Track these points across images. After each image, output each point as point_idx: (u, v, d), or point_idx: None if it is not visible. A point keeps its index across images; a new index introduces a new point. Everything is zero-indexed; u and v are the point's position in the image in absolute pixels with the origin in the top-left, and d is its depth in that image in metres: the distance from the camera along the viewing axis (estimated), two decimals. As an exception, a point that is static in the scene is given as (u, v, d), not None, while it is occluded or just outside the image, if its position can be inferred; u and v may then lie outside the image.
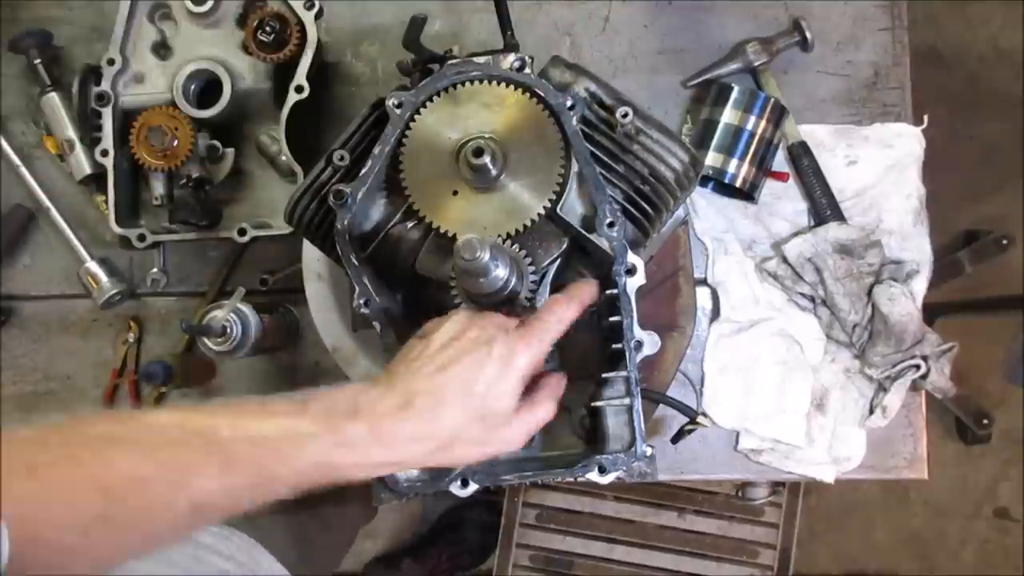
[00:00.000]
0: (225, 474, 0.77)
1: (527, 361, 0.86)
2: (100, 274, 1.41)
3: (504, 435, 0.87)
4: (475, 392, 0.84)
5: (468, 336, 0.86)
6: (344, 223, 0.96)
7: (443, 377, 0.83)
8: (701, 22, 1.40)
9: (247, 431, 0.78)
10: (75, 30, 1.47)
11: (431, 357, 0.85)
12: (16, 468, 0.70)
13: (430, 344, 0.86)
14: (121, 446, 0.75)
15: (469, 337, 0.86)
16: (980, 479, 2.46)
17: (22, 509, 0.69)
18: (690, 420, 1.10)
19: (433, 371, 0.84)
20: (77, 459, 0.73)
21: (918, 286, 1.32)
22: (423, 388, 0.83)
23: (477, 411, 0.84)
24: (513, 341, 0.86)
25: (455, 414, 0.83)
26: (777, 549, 1.90)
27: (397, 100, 0.96)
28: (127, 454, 0.75)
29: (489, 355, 0.84)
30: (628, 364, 0.96)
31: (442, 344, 0.86)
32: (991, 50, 2.48)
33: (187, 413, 0.80)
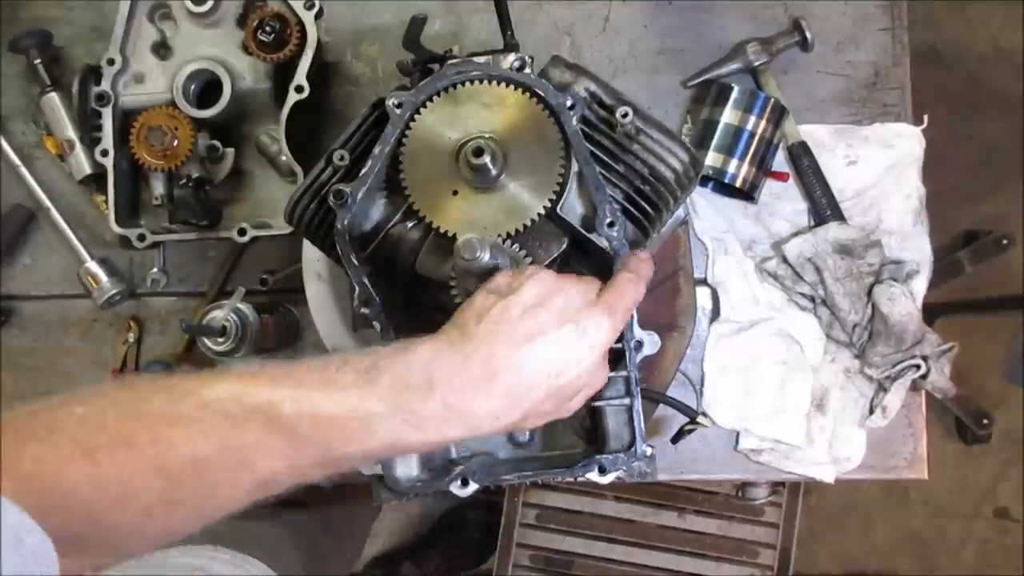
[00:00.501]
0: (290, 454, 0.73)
1: (610, 336, 0.82)
2: (100, 274, 1.41)
3: (571, 405, 0.84)
4: (560, 371, 0.78)
5: (555, 304, 0.79)
6: (344, 223, 0.96)
7: (530, 351, 0.77)
8: (701, 22, 1.40)
9: (311, 407, 0.72)
10: (75, 30, 1.47)
11: (513, 323, 0.77)
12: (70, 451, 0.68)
13: (510, 306, 0.78)
14: (179, 426, 0.71)
15: (556, 306, 0.79)
16: (980, 479, 2.46)
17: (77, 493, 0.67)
18: (690, 420, 1.10)
19: (519, 341, 0.77)
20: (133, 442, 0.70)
21: (918, 286, 1.32)
22: (508, 362, 0.76)
23: (557, 390, 0.79)
24: (600, 314, 0.80)
25: (536, 393, 0.78)
26: (777, 549, 1.91)
27: (397, 100, 0.96)
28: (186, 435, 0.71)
29: (579, 334, 0.79)
30: (628, 364, 0.96)
31: (524, 309, 0.78)
32: (991, 50, 2.48)
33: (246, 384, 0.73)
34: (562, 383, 0.79)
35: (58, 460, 0.67)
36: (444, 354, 0.76)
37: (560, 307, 0.79)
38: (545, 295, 0.80)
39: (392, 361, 0.76)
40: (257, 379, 0.74)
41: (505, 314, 0.78)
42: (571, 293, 0.81)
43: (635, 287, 0.87)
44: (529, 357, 0.77)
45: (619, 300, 0.84)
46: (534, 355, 0.77)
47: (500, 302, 0.79)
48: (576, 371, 0.79)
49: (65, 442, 0.68)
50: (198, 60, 1.31)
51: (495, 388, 0.76)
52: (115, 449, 0.69)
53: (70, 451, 0.68)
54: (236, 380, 0.74)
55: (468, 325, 0.78)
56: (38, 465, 0.66)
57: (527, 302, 0.79)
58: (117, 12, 1.31)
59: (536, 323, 0.78)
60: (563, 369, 0.79)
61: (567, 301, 0.80)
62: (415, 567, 2.25)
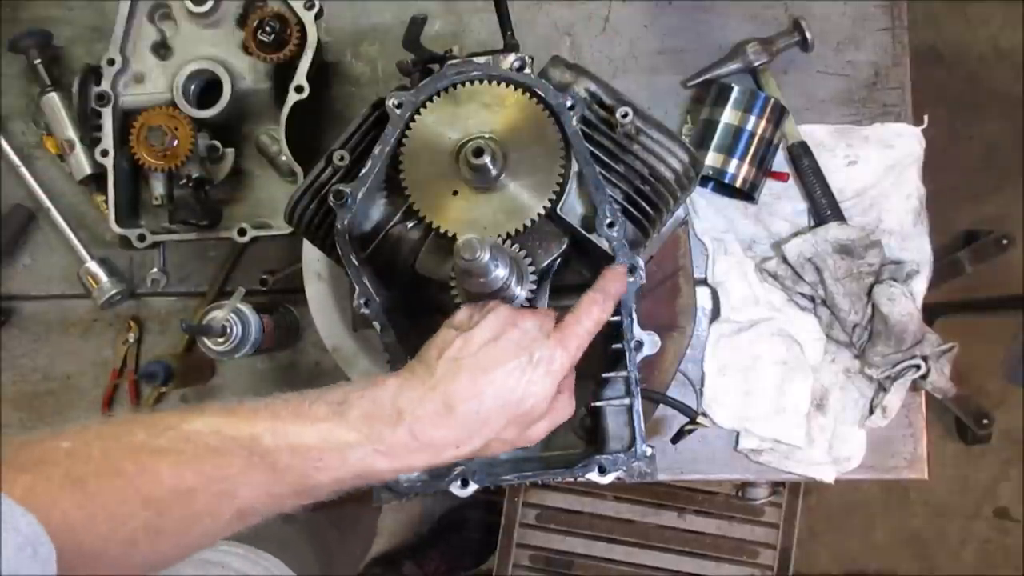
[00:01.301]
0: (269, 484, 0.77)
1: (565, 366, 0.87)
2: (100, 274, 1.41)
3: (532, 433, 0.88)
4: (516, 399, 0.83)
5: (509, 337, 0.85)
6: (344, 223, 0.95)
7: (486, 381, 0.83)
8: (701, 22, 1.40)
9: (288, 439, 0.77)
10: (75, 30, 1.47)
11: (473, 356, 0.83)
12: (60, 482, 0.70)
13: (470, 340, 0.84)
14: (163, 457, 0.74)
15: (511, 338, 0.85)
16: (980, 479, 2.46)
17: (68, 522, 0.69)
18: (690, 420, 1.10)
19: (476, 373, 0.83)
20: (120, 472, 0.73)
21: (918, 286, 1.32)
22: (466, 393, 0.82)
23: (515, 417, 0.84)
24: (553, 346, 0.86)
25: (496, 421, 0.83)
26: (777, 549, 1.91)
27: (397, 100, 0.96)
28: (171, 466, 0.74)
29: (531, 361, 0.84)
30: (628, 364, 0.96)
31: (483, 342, 0.84)
32: (991, 50, 2.48)
33: (224, 418, 0.78)
34: (520, 411, 0.84)
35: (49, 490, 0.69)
36: (409, 387, 0.82)
37: (515, 339, 0.85)
38: (501, 329, 0.85)
39: (362, 395, 0.81)
40: (235, 414, 0.79)
41: (464, 348, 0.84)
42: (527, 326, 0.86)
43: (598, 310, 0.90)
44: (487, 388, 0.82)
45: (573, 330, 0.88)
46: (491, 386, 0.83)
47: (460, 337, 0.85)
48: (532, 400, 0.84)
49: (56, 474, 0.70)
50: (198, 60, 1.31)
51: (455, 419, 0.81)
52: (103, 478, 0.72)
53: (61, 482, 0.70)
54: (215, 415, 0.78)
55: (431, 360, 0.84)
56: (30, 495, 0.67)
57: (485, 337, 0.85)
58: (117, 12, 1.31)
59: (492, 356, 0.83)
60: (519, 398, 0.84)
61: (522, 334, 0.85)
62: (415, 567, 2.25)
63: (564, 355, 0.86)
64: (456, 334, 0.86)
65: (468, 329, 0.86)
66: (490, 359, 0.83)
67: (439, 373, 0.83)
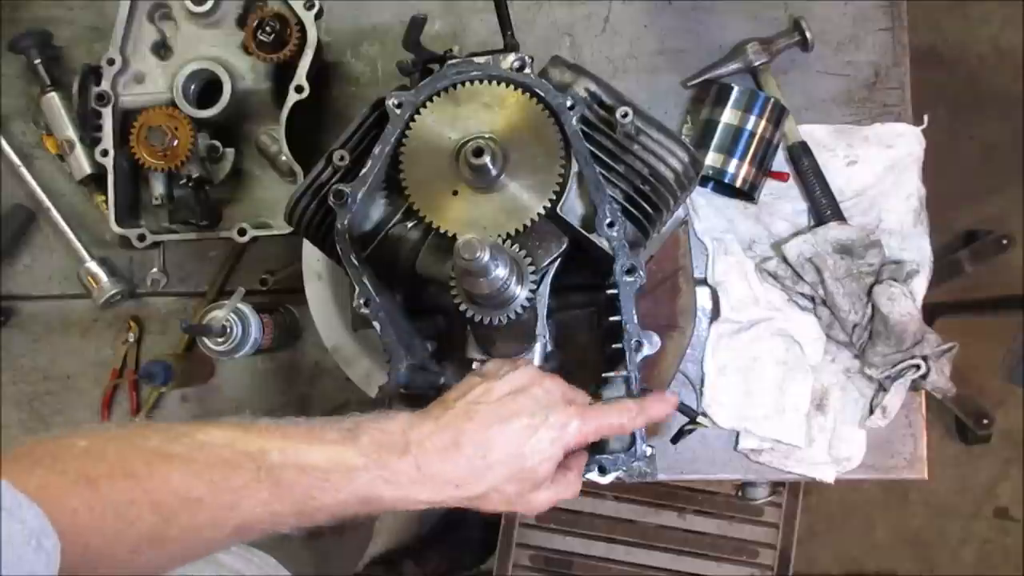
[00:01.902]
0: (273, 500, 0.77)
1: (577, 439, 0.87)
2: (100, 274, 1.41)
3: (533, 499, 0.88)
4: (523, 454, 0.84)
5: (532, 393, 0.86)
6: (344, 223, 0.96)
7: (498, 430, 0.83)
8: (701, 22, 1.40)
9: (296, 458, 0.78)
10: (75, 30, 1.47)
11: (490, 404, 0.85)
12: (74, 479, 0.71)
13: (492, 390, 0.86)
14: (175, 463, 0.75)
15: (533, 395, 0.86)
16: (980, 479, 2.46)
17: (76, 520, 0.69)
18: (690, 420, 1.10)
19: (490, 420, 0.84)
20: (133, 475, 0.74)
21: (918, 286, 1.32)
22: (476, 436, 0.83)
23: (518, 472, 0.84)
24: (572, 415, 0.86)
25: (499, 471, 0.83)
26: (777, 549, 1.90)
27: (397, 100, 0.96)
28: (181, 473, 0.75)
29: (546, 421, 0.85)
30: (628, 364, 0.96)
31: (503, 394, 0.85)
32: (991, 50, 2.48)
33: (237, 432, 0.80)
34: (524, 467, 0.84)
35: (62, 486, 0.70)
36: (421, 422, 0.84)
37: (536, 397, 0.86)
38: (525, 384, 0.87)
39: (373, 424, 0.83)
40: (248, 429, 0.80)
41: (485, 395, 0.85)
42: (552, 389, 0.87)
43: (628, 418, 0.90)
44: (497, 436, 0.83)
45: (598, 414, 0.89)
46: (502, 435, 0.83)
47: (484, 383, 0.87)
48: (538, 458, 0.85)
49: (70, 471, 0.71)
50: (198, 60, 1.31)
51: (461, 457, 0.82)
52: (115, 479, 0.73)
53: (74, 479, 0.71)
54: (228, 428, 0.80)
55: (449, 401, 0.86)
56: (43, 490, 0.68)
57: (507, 388, 0.86)
58: (117, 12, 1.31)
59: (510, 407, 0.85)
60: (525, 453, 0.84)
61: (544, 394, 0.87)
62: (415, 567, 2.25)
63: (580, 426, 0.86)
64: (480, 381, 0.87)
65: (493, 379, 0.87)
66: (507, 410, 0.84)
67: (454, 412, 0.84)
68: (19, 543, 0.64)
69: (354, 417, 0.84)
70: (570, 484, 0.90)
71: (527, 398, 0.85)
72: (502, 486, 0.84)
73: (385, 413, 0.85)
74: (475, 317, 0.91)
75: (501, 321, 0.90)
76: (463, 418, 0.83)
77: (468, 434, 0.83)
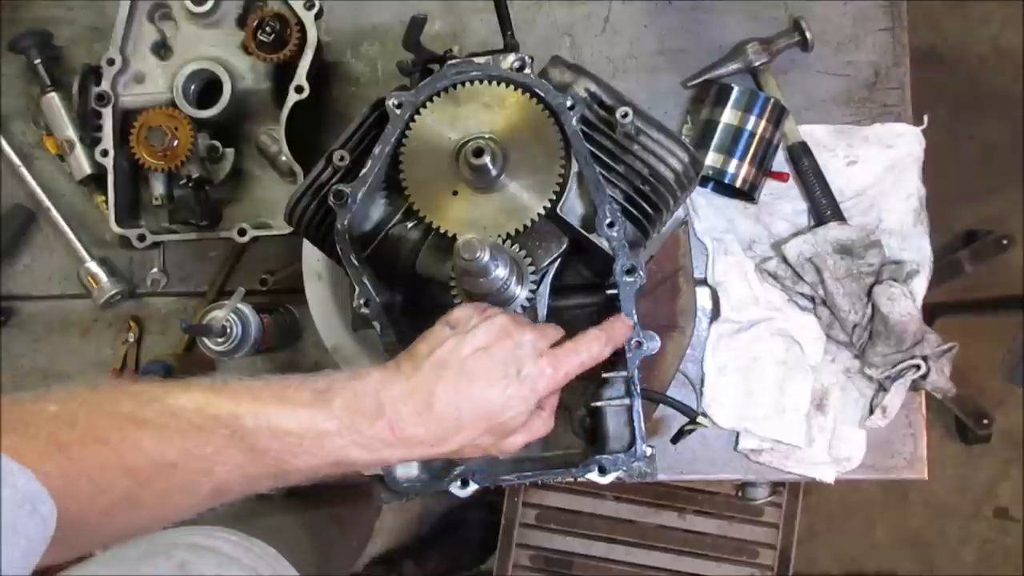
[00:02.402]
0: (248, 464, 0.78)
1: (549, 387, 0.87)
2: (100, 274, 1.41)
3: (506, 444, 0.89)
4: (495, 411, 0.84)
5: (502, 348, 0.85)
6: (344, 223, 0.96)
7: (469, 389, 0.83)
8: (701, 22, 1.40)
9: (269, 422, 0.78)
10: (75, 30, 1.47)
11: (461, 360, 0.84)
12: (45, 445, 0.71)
13: (462, 343, 0.85)
14: (147, 429, 0.75)
15: (503, 350, 0.85)
16: (980, 479, 2.46)
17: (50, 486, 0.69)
18: (690, 420, 1.10)
19: (460, 378, 0.83)
20: (105, 440, 0.73)
21: (918, 286, 1.32)
22: (447, 396, 0.83)
23: (491, 427, 0.85)
24: (543, 365, 0.86)
25: (472, 428, 0.84)
26: (777, 549, 1.90)
27: (397, 100, 0.96)
28: (153, 439, 0.75)
29: (517, 375, 0.85)
30: (628, 364, 0.96)
31: (474, 348, 0.85)
32: (991, 50, 2.48)
33: (209, 395, 0.79)
34: (497, 423, 0.85)
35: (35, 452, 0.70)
36: (393, 382, 0.83)
37: (507, 352, 0.85)
38: (496, 338, 0.86)
39: (345, 385, 0.82)
40: (219, 392, 0.80)
41: (455, 352, 0.84)
42: (522, 340, 0.86)
43: (598, 346, 0.91)
44: (467, 395, 0.83)
45: (569, 356, 0.89)
46: (473, 394, 0.83)
47: (454, 339, 0.85)
48: (511, 413, 0.85)
49: (41, 436, 0.71)
50: (198, 60, 1.31)
51: (433, 419, 0.82)
52: (87, 445, 0.73)
53: (45, 445, 0.71)
54: (199, 391, 0.80)
55: (420, 356, 0.85)
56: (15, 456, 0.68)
57: (478, 343, 0.85)
58: (117, 12, 1.31)
59: (481, 365, 0.84)
60: (498, 410, 0.84)
61: (515, 347, 0.86)
62: (415, 567, 2.25)
63: (552, 377, 0.87)
64: (450, 333, 0.86)
65: (464, 332, 0.86)
66: (478, 367, 0.84)
67: (424, 371, 0.83)
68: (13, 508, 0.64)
69: (327, 375, 0.83)
70: (543, 423, 0.91)
71: (498, 354, 0.85)
72: (475, 440, 0.85)
73: (356, 371, 0.84)
74: (475, 317, 0.90)
75: (501, 321, 0.90)
76: (434, 378, 0.83)
77: (440, 395, 0.82)
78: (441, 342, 0.85)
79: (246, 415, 0.78)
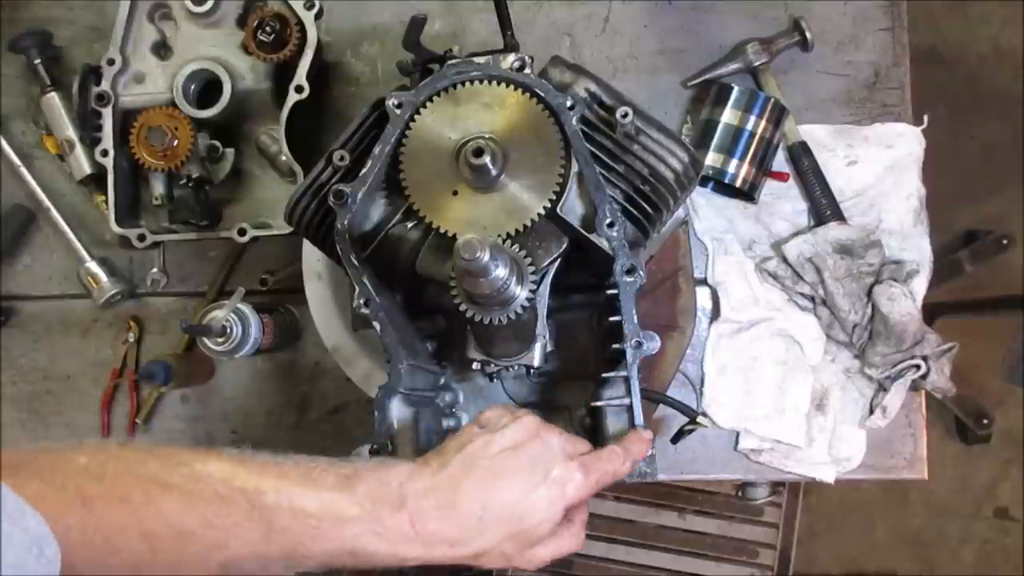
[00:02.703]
0: (262, 542, 0.76)
1: (579, 494, 0.84)
2: (100, 274, 1.41)
3: (532, 555, 0.85)
4: (520, 514, 0.82)
5: (531, 448, 0.84)
6: (344, 223, 0.96)
7: (495, 488, 0.81)
8: (701, 22, 1.40)
9: (291, 501, 0.77)
10: (75, 30, 1.47)
11: (489, 460, 0.82)
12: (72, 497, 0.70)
13: (491, 444, 0.83)
14: (172, 494, 0.74)
15: (532, 450, 0.83)
16: (980, 479, 2.46)
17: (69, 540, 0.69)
18: (690, 420, 1.10)
19: (487, 476, 0.81)
20: (128, 500, 0.73)
21: (918, 286, 1.32)
22: (472, 493, 0.80)
23: (516, 532, 0.82)
24: (574, 468, 0.84)
25: (496, 530, 0.81)
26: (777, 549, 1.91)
27: (397, 100, 0.96)
28: (176, 504, 0.74)
29: (545, 479, 0.82)
30: (628, 364, 0.96)
31: (502, 447, 0.83)
32: (991, 50, 2.48)
33: (236, 466, 0.78)
34: (521, 527, 0.82)
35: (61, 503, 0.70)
36: (418, 476, 0.81)
37: (535, 453, 0.84)
38: (525, 439, 0.84)
39: (371, 473, 0.81)
40: (246, 464, 0.79)
41: (484, 450, 0.83)
42: (550, 442, 0.85)
43: (619, 462, 0.89)
44: (493, 495, 0.81)
45: (597, 463, 0.87)
46: (498, 492, 0.81)
47: (483, 437, 0.84)
48: (538, 517, 0.82)
49: (70, 487, 0.71)
50: (198, 60, 1.31)
51: (456, 516, 0.80)
52: (111, 502, 0.72)
53: (73, 497, 0.70)
54: (227, 461, 0.78)
55: (447, 453, 0.83)
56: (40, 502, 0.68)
57: (506, 443, 0.84)
58: (117, 12, 1.31)
59: (508, 464, 0.82)
60: (524, 512, 0.82)
61: (544, 448, 0.84)
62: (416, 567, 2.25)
63: (582, 483, 0.84)
64: (479, 432, 0.85)
65: (493, 431, 0.85)
66: (505, 466, 0.82)
67: (451, 467, 0.82)
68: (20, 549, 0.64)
69: (354, 462, 0.82)
70: (573, 536, 0.88)
71: (527, 454, 0.83)
72: (499, 545, 0.82)
73: (384, 461, 0.84)
74: (475, 317, 0.91)
75: (501, 321, 0.90)
76: (461, 474, 0.81)
77: (465, 492, 0.80)
78: (470, 440, 0.84)
79: (269, 491, 0.76)
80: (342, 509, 0.78)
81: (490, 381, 1.14)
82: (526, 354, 1.02)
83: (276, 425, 1.42)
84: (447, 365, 1.12)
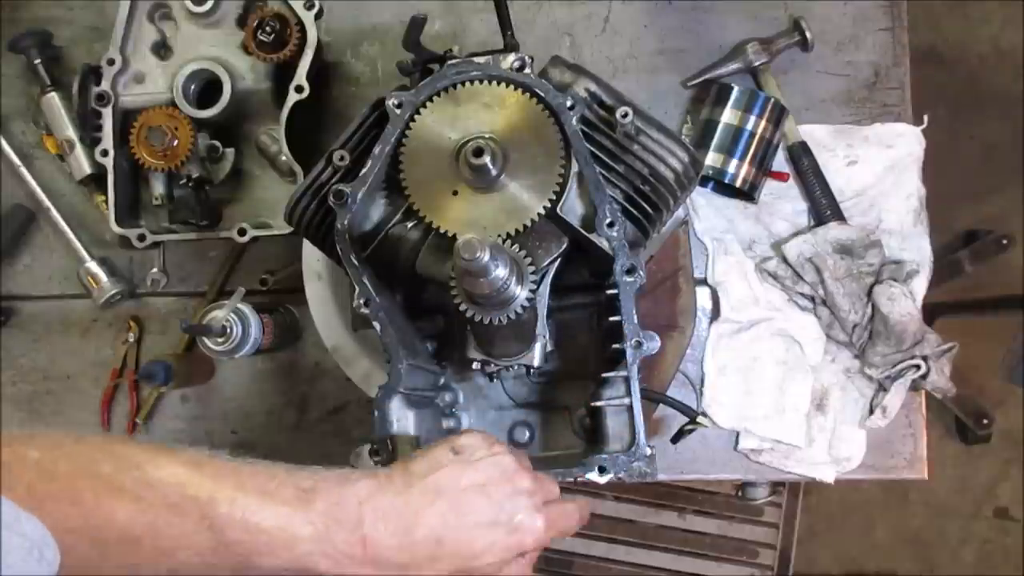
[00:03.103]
0: (211, 554, 0.75)
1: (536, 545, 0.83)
2: (100, 274, 1.41)
3: None
4: (475, 554, 0.80)
5: (501, 490, 0.82)
6: (344, 223, 0.96)
7: (457, 525, 0.80)
8: (701, 22, 1.40)
9: (244, 513, 0.75)
10: (75, 30, 1.47)
11: (456, 492, 0.81)
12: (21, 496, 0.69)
13: (461, 476, 0.81)
14: (122, 498, 0.73)
15: (501, 492, 0.82)
16: (980, 479, 2.46)
17: None
18: (690, 420, 1.10)
19: (450, 510, 0.80)
20: (79, 501, 0.72)
21: (918, 286, 1.32)
22: (431, 523, 0.79)
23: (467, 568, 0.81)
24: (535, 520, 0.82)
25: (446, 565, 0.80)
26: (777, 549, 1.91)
27: (397, 100, 0.96)
28: (126, 510, 0.73)
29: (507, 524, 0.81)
30: (628, 364, 0.96)
31: (472, 483, 0.81)
32: (991, 50, 2.48)
33: (191, 471, 0.76)
34: (474, 565, 0.81)
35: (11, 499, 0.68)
36: (380, 494, 0.79)
37: (505, 495, 0.82)
38: (498, 479, 0.82)
39: (331, 489, 0.78)
40: (202, 469, 0.77)
41: (453, 480, 0.81)
42: (522, 487, 0.83)
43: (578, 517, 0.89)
44: (454, 532, 0.80)
45: (561, 519, 0.86)
46: (459, 532, 0.80)
47: (455, 466, 0.82)
48: (492, 560, 0.81)
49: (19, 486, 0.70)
50: (198, 60, 1.31)
51: (410, 544, 0.78)
52: (61, 503, 0.71)
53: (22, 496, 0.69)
54: (182, 465, 0.77)
55: (414, 475, 0.81)
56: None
57: (478, 478, 0.82)
58: (117, 12, 1.31)
59: (476, 502, 0.81)
60: (480, 553, 0.80)
61: (515, 493, 0.83)
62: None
63: (542, 533, 0.83)
64: (452, 460, 0.83)
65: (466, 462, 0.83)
66: (472, 504, 0.81)
67: (415, 492, 0.80)
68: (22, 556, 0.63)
69: (316, 474, 0.80)
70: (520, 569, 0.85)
71: (496, 495, 0.81)
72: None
73: (347, 475, 0.81)
74: (475, 317, 0.91)
75: (501, 321, 0.90)
76: (423, 502, 0.79)
77: (424, 521, 0.79)
78: (441, 465, 0.82)
79: (223, 501, 0.75)
80: (295, 528, 0.76)
81: (490, 381, 1.14)
82: (526, 354, 1.02)
83: (276, 425, 1.42)
84: (447, 365, 1.12)
